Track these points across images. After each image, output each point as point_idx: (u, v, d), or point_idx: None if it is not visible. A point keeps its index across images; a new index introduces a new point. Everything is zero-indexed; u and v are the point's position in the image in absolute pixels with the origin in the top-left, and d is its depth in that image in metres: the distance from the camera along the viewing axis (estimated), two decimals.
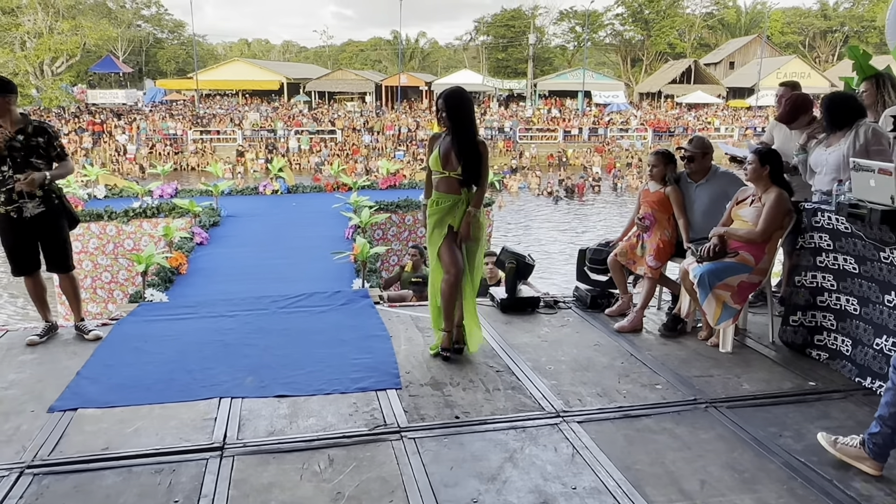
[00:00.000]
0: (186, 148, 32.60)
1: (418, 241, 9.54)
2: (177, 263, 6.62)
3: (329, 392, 3.61)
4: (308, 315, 4.88)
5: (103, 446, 3.02)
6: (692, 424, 3.30)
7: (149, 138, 32.67)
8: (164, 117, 35.94)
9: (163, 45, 60.44)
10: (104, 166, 26.98)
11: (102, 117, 35.33)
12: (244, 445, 3.04)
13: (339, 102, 47.16)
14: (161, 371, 3.84)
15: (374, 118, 37.11)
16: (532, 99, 48.47)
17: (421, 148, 32.65)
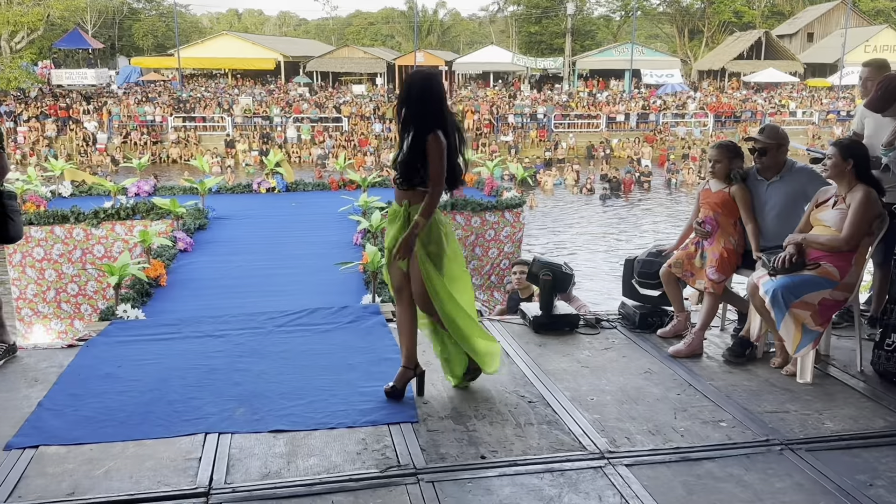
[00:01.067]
0: (167, 137, 32.99)
1: None
2: (156, 274, 6.69)
3: (334, 426, 3.62)
4: (310, 335, 4.90)
5: (68, 491, 3.05)
6: (764, 470, 3.26)
7: (122, 126, 33.10)
8: (141, 101, 36.42)
9: (138, 17, 61.37)
10: (70, 159, 27.43)
11: (68, 101, 35.90)
12: (233, 490, 3.06)
13: (346, 85, 47.53)
14: (136, 402, 3.88)
15: (386, 103, 37.27)
16: (570, 80, 48.45)
17: None
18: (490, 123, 34.31)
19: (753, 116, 35.59)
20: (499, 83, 49.29)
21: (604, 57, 48.16)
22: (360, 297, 6.47)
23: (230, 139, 32.74)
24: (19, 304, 9.07)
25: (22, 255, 8.90)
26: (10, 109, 33.97)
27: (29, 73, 37.83)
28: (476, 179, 11.52)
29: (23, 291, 9.04)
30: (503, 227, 9.93)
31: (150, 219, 9.08)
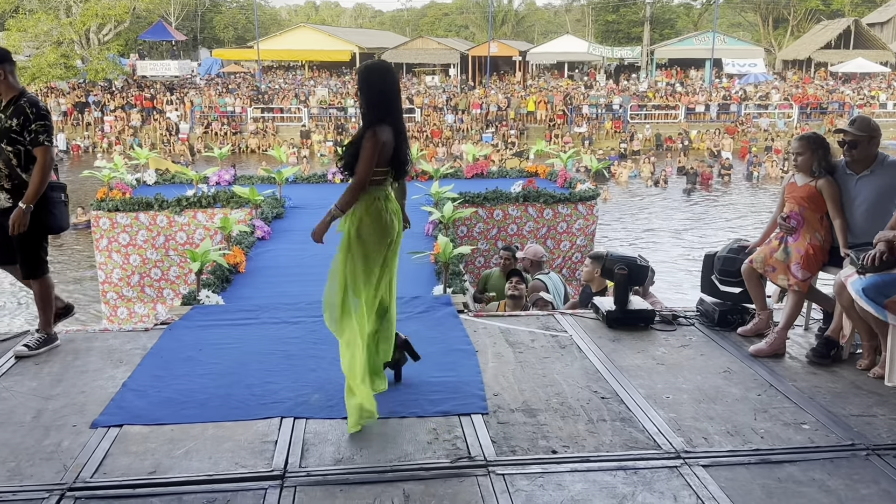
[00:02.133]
0: (246, 128, 33.82)
1: (509, 240, 9.52)
2: (235, 261, 6.86)
3: (405, 415, 3.65)
4: None
5: (150, 469, 3.16)
6: (849, 476, 3.14)
7: (203, 116, 34.09)
8: (221, 92, 37.43)
9: (220, 10, 62.91)
10: (154, 148, 28.41)
11: (153, 92, 37.17)
12: (308, 474, 3.12)
13: (419, 76, 47.76)
14: (216, 385, 4.00)
15: (459, 94, 37.31)
16: (648, 69, 47.46)
17: (512, 130, 32.60)
18: (563, 114, 33.94)
19: (841, 108, 34.14)
20: (574, 73, 48.69)
21: (683, 46, 46.95)
22: (432, 287, 6.49)
23: (306, 130, 33.33)
24: (105, 287, 9.45)
25: (108, 240, 9.27)
26: (98, 100, 35.38)
27: (115, 64, 39.30)
28: (549, 171, 11.41)
29: (108, 275, 9.41)
30: (576, 220, 9.81)
31: (230, 207, 9.31)
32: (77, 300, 14.13)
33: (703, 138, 31.61)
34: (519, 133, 32.35)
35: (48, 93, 36.06)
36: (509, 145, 30.20)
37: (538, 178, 11.18)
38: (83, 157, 30.69)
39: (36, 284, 4.51)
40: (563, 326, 4.91)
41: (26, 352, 4.39)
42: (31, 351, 4.40)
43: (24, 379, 4.08)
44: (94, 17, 38.28)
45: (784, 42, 55.19)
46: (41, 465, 3.18)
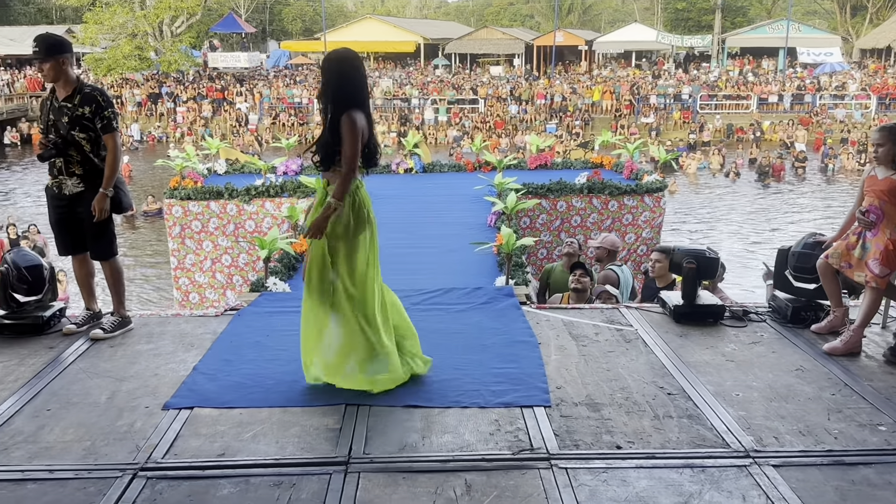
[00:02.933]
0: (312, 118, 34.28)
1: (572, 232, 9.41)
2: (302, 249, 6.97)
3: (467, 405, 3.65)
4: (444, 314, 4.97)
5: (219, 452, 3.24)
6: None
7: (272, 107, 34.69)
8: (289, 84, 38.02)
9: (288, 2, 63.78)
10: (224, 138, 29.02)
11: (223, 83, 37.99)
12: (371, 461, 3.15)
13: (483, 66, 47.60)
14: (283, 371, 4.06)
15: (523, 85, 37.05)
16: (719, 58, 46.25)
17: (577, 120, 32.23)
18: (630, 104, 33.35)
19: None
20: (641, 62, 47.81)
21: (756, 34, 45.54)
22: (494, 278, 6.47)
23: None
24: (177, 273, 9.73)
25: (181, 227, 9.53)
26: (171, 91, 36.36)
27: (187, 56, 40.30)
28: (615, 162, 11.23)
29: (181, 261, 9.68)
30: (642, 212, 9.64)
31: (297, 196, 9.45)
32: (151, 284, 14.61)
33: (776, 129, 30.64)
34: (584, 124, 31.95)
35: (123, 84, 37.24)
36: (573, 136, 29.86)
37: (603, 169, 11.02)
38: (157, 146, 31.61)
39: (108, 266, 4.67)
40: (628, 320, 4.83)
41: (101, 335, 4.54)
42: (106, 334, 4.56)
43: (98, 361, 4.23)
44: (167, 10, 39.29)
45: (862, 30, 52.98)
46: (115, 445, 3.29)
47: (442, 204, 9.80)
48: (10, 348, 4.39)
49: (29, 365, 4.14)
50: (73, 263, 4.75)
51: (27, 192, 23.24)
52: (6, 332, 4.57)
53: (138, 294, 14.41)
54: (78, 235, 4.56)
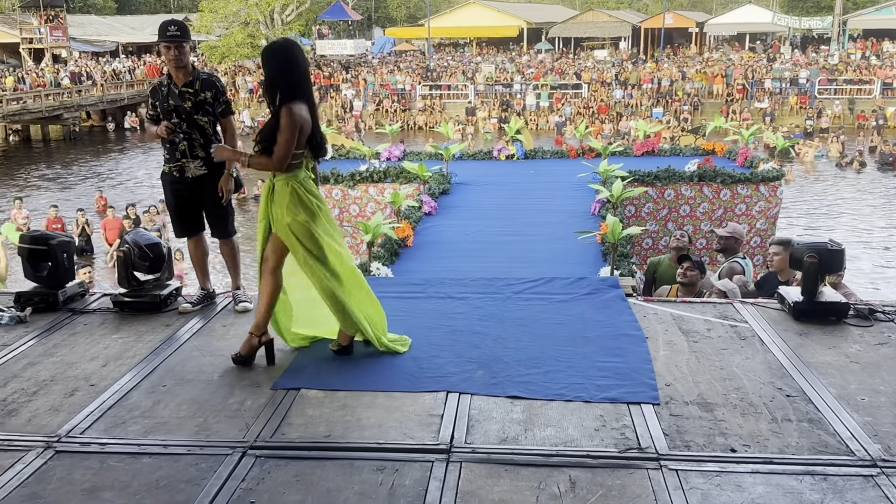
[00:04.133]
0: (414, 105, 34.57)
1: (681, 222, 9.10)
2: (404, 235, 7.02)
3: (570, 399, 3.56)
4: (546, 304, 4.88)
5: (325, 433, 3.28)
6: None
7: (375, 94, 35.19)
8: (393, 70, 38.45)
9: None
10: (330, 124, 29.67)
11: (330, 70, 38.79)
12: (473, 451, 3.11)
13: (587, 50, 46.73)
14: (385, 355, 4.08)
15: (629, 69, 36.12)
16: (839, 41, 43.67)
17: (686, 105, 31.19)
18: (743, 89, 31.99)
19: None
20: (755, 45, 45.75)
21: (881, 15, 42.72)
22: (598, 268, 6.33)
23: (471, 107, 33.58)
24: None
25: None
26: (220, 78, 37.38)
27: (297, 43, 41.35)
28: (728, 149, 10.78)
29: None
30: (756, 202, 9.21)
31: (400, 182, 9.54)
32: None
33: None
34: (692, 109, 30.89)
35: (236, 71, 38.61)
36: (682, 122, 28.91)
37: (715, 156, 10.61)
38: None
39: (228, 245, 4.87)
40: (742, 316, 4.60)
41: (251, 306, 4.75)
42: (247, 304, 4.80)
43: (212, 339, 4.37)
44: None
45: None
46: (226, 423, 3.38)
47: (544, 191, 9.67)
48: (130, 325, 4.60)
49: (146, 342, 4.32)
50: (188, 245, 4.94)
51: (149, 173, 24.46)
52: (126, 310, 4.79)
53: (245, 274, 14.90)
54: (196, 217, 4.77)
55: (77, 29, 44.10)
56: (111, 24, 48.72)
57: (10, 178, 25.80)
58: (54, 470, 3.02)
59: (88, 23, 47.22)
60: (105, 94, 35.44)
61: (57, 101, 32.78)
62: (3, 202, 19.43)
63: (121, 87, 36.92)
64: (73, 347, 4.26)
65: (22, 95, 31.76)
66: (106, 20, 49.34)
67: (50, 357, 4.13)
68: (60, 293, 4.82)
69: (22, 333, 4.45)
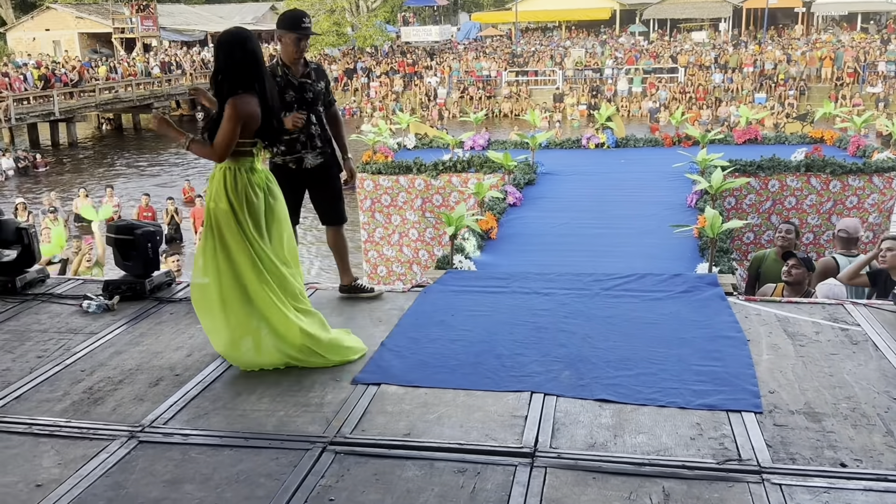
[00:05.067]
0: (500, 92, 34.43)
1: (786, 215, 8.73)
2: (487, 227, 6.96)
3: (664, 404, 3.44)
4: (638, 301, 4.74)
5: (405, 431, 3.27)
6: None
7: (460, 81, 35.21)
8: (478, 56, 38.37)
9: None
10: (413, 112, 29.88)
11: (414, 57, 39.04)
12: (558, 456, 3.04)
13: (684, 32, 45.48)
14: (468, 352, 4.05)
15: (730, 51, 34.95)
16: None
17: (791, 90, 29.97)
18: (854, 72, 30.49)
19: None
20: (868, 25, 43.51)
21: None
22: (694, 265, 6.10)
23: (559, 93, 33.19)
24: (366, 246, 10.11)
25: (371, 201, 9.87)
26: (365, 66, 37.91)
27: (382, 31, 41.79)
28: (838, 137, 10.26)
29: (370, 235, 10.05)
30: (869, 194, 8.73)
31: (483, 172, 9.47)
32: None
33: None
34: (798, 94, 29.65)
35: (321, 59, 39.30)
36: (787, 107, 27.79)
37: (825, 144, 10.12)
38: (351, 121, 33.15)
39: (339, 234, 4.98)
40: (854, 318, 4.35)
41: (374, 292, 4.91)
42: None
43: None
44: None
45: None
46: (306, 417, 3.42)
47: (636, 181, 9.43)
48: None
49: None
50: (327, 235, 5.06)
51: None
52: None
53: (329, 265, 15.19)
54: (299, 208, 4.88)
55: (167, 18, 45.77)
56: (199, 14, 50.33)
57: (102, 165, 27.08)
58: (137, 460, 3.11)
59: (178, 12, 48.93)
60: (193, 84, 36.67)
61: (147, 91, 34.19)
62: (98, 189, 20.37)
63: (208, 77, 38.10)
64: (159, 337, 4.39)
65: (114, 85, 33.24)
66: (194, 9, 51.00)
67: (136, 346, 4.27)
68: (147, 282, 4.98)
69: (109, 322, 4.62)
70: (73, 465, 3.07)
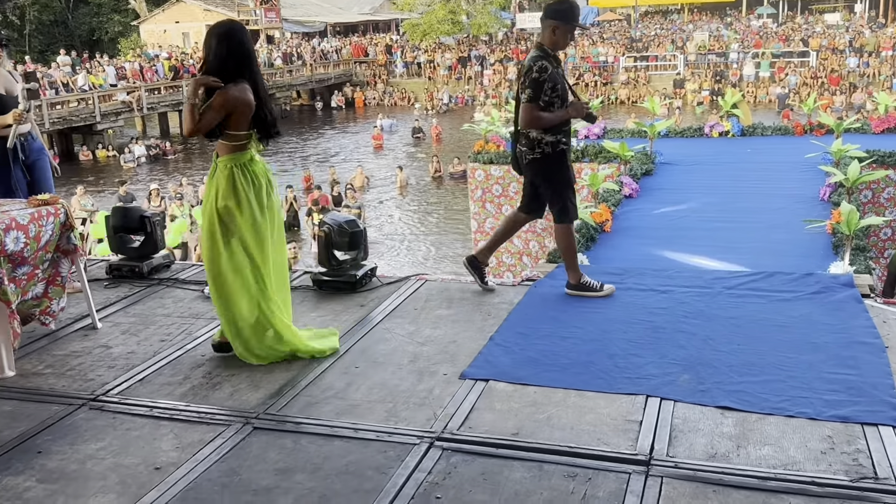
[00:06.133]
0: (616, 78, 33.67)
1: None
2: (601, 219, 6.79)
3: (792, 414, 3.23)
4: (765, 302, 4.48)
5: (513, 431, 3.20)
6: None
7: (576, 67, 34.64)
8: (595, 42, 37.63)
9: None
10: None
11: (529, 44, 38.67)
12: (675, 466, 2.90)
13: (816, 14, 43.10)
14: (578, 351, 3.94)
15: (866, 34, 32.83)
16: None
17: None
18: None
19: None
20: None
21: None
22: (827, 263, 5.75)
23: (680, 78, 32.12)
24: (477, 236, 10.11)
25: (482, 191, 9.84)
26: (480, 54, 37.88)
27: (497, 18, 41.63)
28: None
29: (481, 225, 10.02)
30: None
31: (598, 162, 9.27)
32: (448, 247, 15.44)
33: None
34: None
35: (436, 48, 39.56)
36: None
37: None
38: (464, 109, 33.25)
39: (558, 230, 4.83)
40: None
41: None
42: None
43: (403, 322, 4.43)
44: None
45: None
46: (414, 410, 3.40)
47: (764, 172, 9.00)
48: (327, 304, 4.79)
49: (342, 321, 4.47)
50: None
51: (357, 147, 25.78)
52: (324, 288, 4.99)
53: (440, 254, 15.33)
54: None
55: (289, 10, 47.18)
56: (320, 5, 51.60)
57: None
58: (251, 446, 3.18)
59: (299, 3, 50.31)
60: (313, 74, 37.75)
61: (270, 81, 35.37)
62: None
63: (328, 67, 39.12)
64: None
65: None
66: (315, 1, 52.36)
67: None
68: None
69: None
70: (190, 448, 3.18)
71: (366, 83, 38.98)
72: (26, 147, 5.08)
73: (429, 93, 35.62)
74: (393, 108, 36.19)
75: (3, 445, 3.24)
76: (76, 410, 3.54)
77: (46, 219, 4.08)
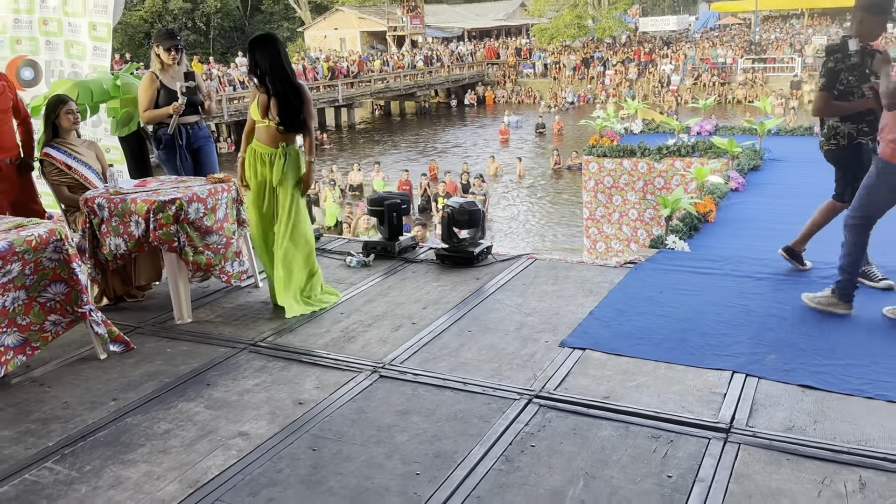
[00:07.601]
0: (734, 78, 32.09)
1: None
2: (705, 210, 6.57)
3: (872, 396, 3.09)
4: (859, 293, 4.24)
5: (604, 394, 3.23)
6: None
7: (694, 68, 33.25)
8: (715, 44, 35.95)
9: None
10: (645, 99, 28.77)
11: (650, 46, 37.43)
12: (753, 435, 2.85)
13: None
14: (672, 328, 3.89)
15: None
16: None
17: None
18: None
19: None
20: None
21: None
22: None
23: (797, 80, 30.20)
24: (588, 223, 9.99)
25: (595, 182, 9.72)
26: (602, 56, 37.03)
27: (620, 21, 40.49)
28: None
29: (592, 213, 9.91)
30: None
31: (707, 157, 8.95)
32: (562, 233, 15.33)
33: None
34: None
35: (562, 51, 38.98)
36: None
37: None
38: (586, 107, 32.67)
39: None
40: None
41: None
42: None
43: (513, 295, 4.52)
44: None
45: None
46: (517, 371, 3.49)
47: None
48: (447, 276, 4.93)
49: (459, 291, 4.60)
50: None
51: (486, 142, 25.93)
52: (446, 262, 5.15)
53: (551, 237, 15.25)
54: None
55: (431, 17, 47.75)
56: (459, 12, 51.88)
57: (373, 144, 29.08)
58: (377, 391, 3.38)
59: (441, 11, 50.79)
60: (450, 75, 38.13)
61: (412, 81, 36.07)
62: (367, 166, 21.96)
63: (463, 68, 39.40)
64: (402, 290, 4.69)
65: (386, 76, 35.47)
66: (455, 8, 52.65)
67: (384, 297, 4.59)
68: (396, 244, 5.33)
69: (366, 275, 5.01)
70: (328, 389, 3.41)
71: (496, 83, 38.98)
72: (191, 134, 5.42)
73: (552, 92, 35.19)
74: (519, 105, 36.04)
75: (181, 377, 3.59)
76: (238, 353, 3.86)
77: (221, 194, 4.41)
